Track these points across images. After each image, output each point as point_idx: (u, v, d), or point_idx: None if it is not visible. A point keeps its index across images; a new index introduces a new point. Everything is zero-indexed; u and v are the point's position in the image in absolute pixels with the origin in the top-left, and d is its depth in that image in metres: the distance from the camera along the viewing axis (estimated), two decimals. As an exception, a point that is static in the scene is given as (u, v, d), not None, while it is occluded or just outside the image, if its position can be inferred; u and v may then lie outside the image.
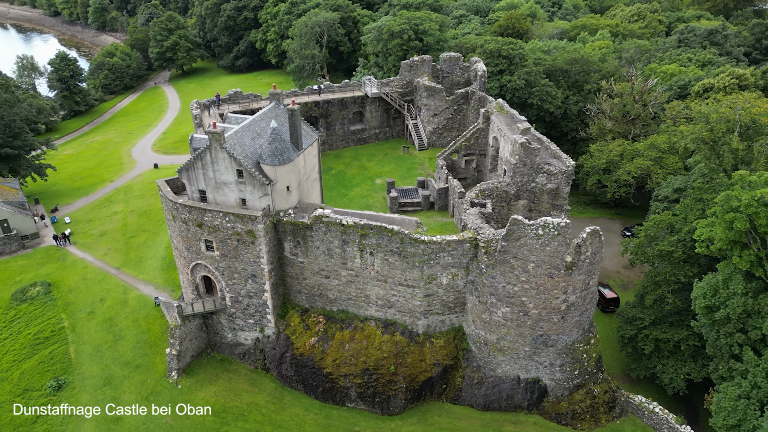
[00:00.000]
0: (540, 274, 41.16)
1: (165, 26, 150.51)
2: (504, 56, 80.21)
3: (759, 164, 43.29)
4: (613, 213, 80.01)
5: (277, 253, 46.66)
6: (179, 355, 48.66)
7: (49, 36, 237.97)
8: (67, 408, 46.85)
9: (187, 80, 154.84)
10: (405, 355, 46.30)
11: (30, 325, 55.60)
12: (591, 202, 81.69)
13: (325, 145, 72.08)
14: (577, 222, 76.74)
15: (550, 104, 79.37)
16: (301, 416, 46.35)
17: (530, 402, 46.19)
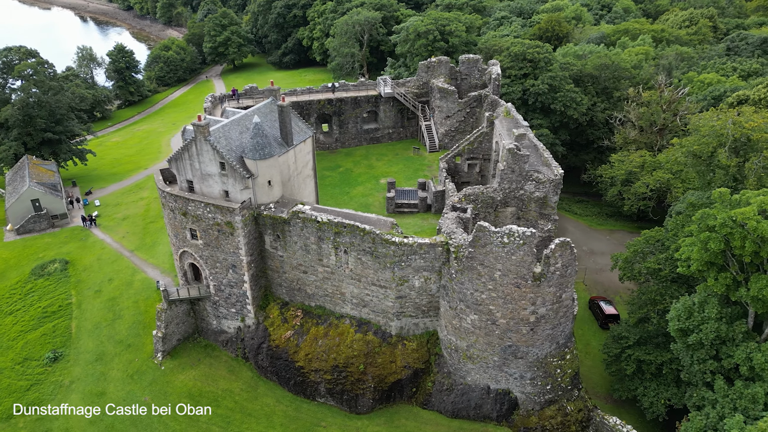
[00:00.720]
0: (507, 283, 40.22)
1: (219, 22, 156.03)
2: (528, 59, 78.47)
3: (750, 183, 40.38)
4: (635, 227, 76.56)
5: (257, 245, 47.78)
6: (164, 338, 50.69)
7: (123, 29, 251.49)
8: (59, 379, 49.78)
9: (237, 74, 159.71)
10: (376, 355, 46.36)
11: (42, 299, 59.30)
12: (613, 214, 78.61)
13: (337, 143, 72.94)
14: (595, 234, 74.29)
15: (574, 110, 77.07)
16: (272, 407, 47.31)
17: (499, 413, 45.19)
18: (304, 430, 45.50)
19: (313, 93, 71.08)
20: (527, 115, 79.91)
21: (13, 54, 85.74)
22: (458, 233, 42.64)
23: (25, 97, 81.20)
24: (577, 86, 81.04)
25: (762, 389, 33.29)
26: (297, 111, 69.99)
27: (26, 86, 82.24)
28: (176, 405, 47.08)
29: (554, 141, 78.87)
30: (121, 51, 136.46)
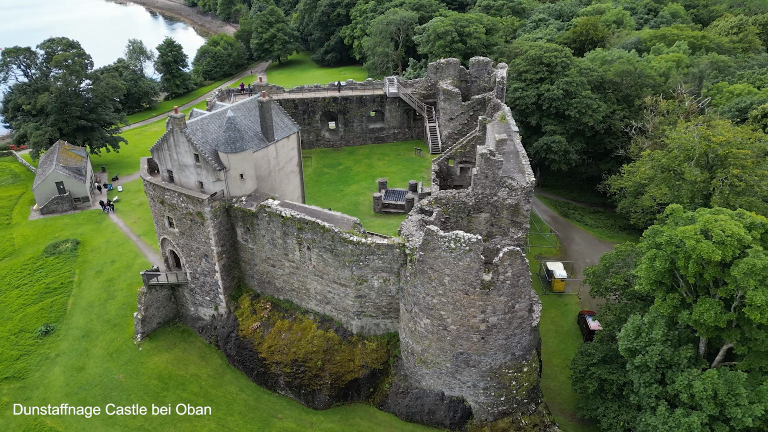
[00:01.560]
0: (455, 289, 39.59)
1: (266, 19, 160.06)
2: (545, 63, 76.40)
3: (714, 200, 37.68)
4: (647, 241, 73.19)
5: (230, 237, 49.03)
6: (144, 320, 52.87)
7: (187, 25, 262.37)
8: (46, 352, 52.90)
9: (281, 71, 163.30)
10: (334, 352, 46.64)
11: (48, 275, 63.09)
12: (626, 227, 75.37)
13: (341, 141, 73.58)
14: (602, 247, 71.50)
15: (590, 118, 74.48)
16: (234, 395, 48.48)
17: (452, 421, 44.48)
18: (261, 421, 46.35)
19: (318, 91, 71.97)
20: (541, 120, 78.01)
21: (56, 45, 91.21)
22: (416, 236, 42.29)
23: (61, 86, 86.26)
24: (597, 93, 78.21)
25: (698, 419, 31.32)
26: (302, 108, 71.27)
27: (62, 76, 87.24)
28: (145, 385, 49.05)
29: (568, 149, 76.54)
30: (170, 45, 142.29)
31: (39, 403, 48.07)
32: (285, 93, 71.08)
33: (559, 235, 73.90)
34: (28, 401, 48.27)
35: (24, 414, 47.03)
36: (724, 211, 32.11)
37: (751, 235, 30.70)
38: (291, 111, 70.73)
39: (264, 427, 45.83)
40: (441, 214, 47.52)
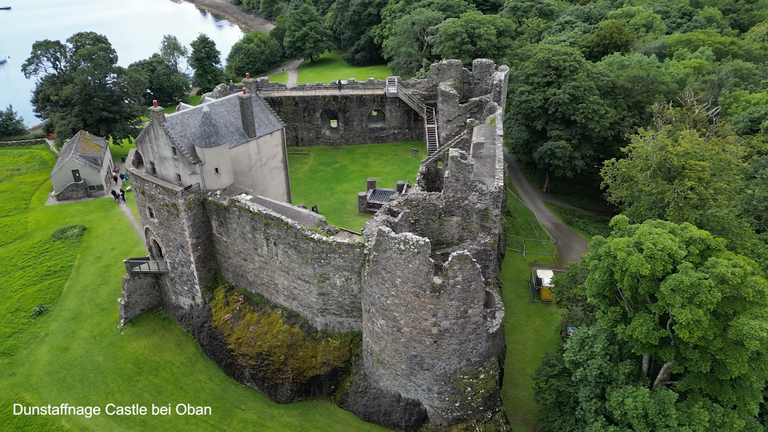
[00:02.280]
0: (407, 291, 39.43)
1: (299, 18, 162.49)
2: (553, 67, 74.87)
3: (669, 212, 35.87)
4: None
5: (205, 229, 50.23)
6: (127, 306, 54.80)
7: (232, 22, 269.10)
8: (36, 331, 55.53)
9: (311, 69, 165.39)
10: (298, 348, 47.18)
11: (52, 259, 66.14)
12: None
13: (341, 140, 74.08)
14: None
15: (596, 124, 72.61)
16: (202, 383, 49.67)
17: (408, 424, 44.28)
18: (224, 410, 47.35)
19: (319, 89, 72.67)
20: (547, 125, 76.55)
21: (84, 39, 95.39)
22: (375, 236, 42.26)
23: (85, 78, 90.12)
24: (607, 98, 76.13)
25: (629, 438, 30.24)
26: (302, 105, 72.15)
27: (88, 69, 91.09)
28: (121, 369, 50.88)
29: (573, 155, 74.79)
30: (203, 41, 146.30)
31: (22, 379, 50.56)
32: (287, 90, 72.12)
33: (558, 243, 72.27)
34: (13, 377, 50.82)
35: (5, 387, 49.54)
36: (666, 224, 30.81)
37: (687, 251, 29.40)
38: (291, 108, 71.78)
39: (226, 416, 46.80)
40: (411, 215, 47.35)
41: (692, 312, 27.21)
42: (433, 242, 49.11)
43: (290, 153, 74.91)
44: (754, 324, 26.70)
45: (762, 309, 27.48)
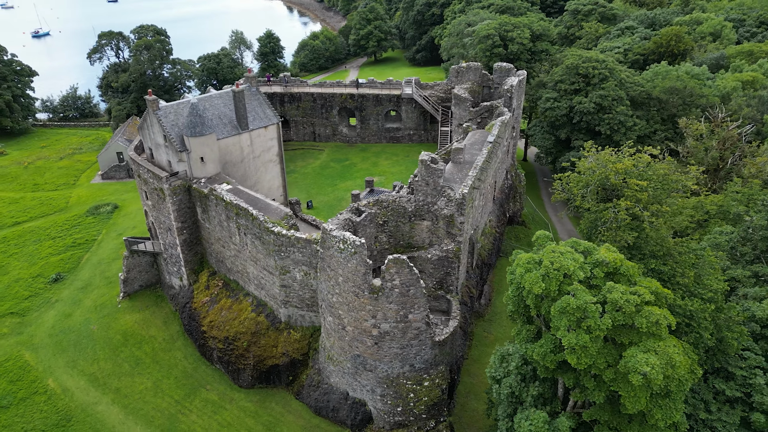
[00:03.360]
0: (348, 290, 39.65)
1: (365, 16, 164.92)
2: (581, 74, 71.72)
3: (605, 232, 33.12)
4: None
5: (191, 214, 52.70)
6: (126, 281, 58.60)
7: (312, 19, 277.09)
8: (49, 297, 60.63)
9: (373, 67, 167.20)
10: (261, 336, 48.58)
11: (80, 232, 71.79)
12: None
13: (357, 138, 74.85)
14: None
15: (622, 136, 68.82)
16: (177, 360, 52.30)
17: (353, 422, 44.46)
18: (190, 387, 49.67)
19: (338, 87, 73.73)
20: (572, 134, 73.44)
21: (145, 31, 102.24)
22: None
23: (139, 67, 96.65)
24: (639, 110, 71.93)
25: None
26: (320, 102, 73.60)
27: (144, 59, 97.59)
28: (110, 339, 54.58)
29: (597, 167, 71.19)
30: (269, 36, 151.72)
31: (27, 338, 55.49)
32: (307, 87, 73.84)
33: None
34: (20, 335, 55.87)
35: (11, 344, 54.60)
36: (582, 244, 29.10)
37: (591, 273, 27.67)
38: (310, 104, 73.41)
39: (190, 394, 49.07)
40: (380, 216, 47.33)
41: (578, 337, 25.69)
42: (404, 245, 48.91)
43: (305, 148, 76.81)
44: (641, 357, 24.85)
45: (656, 342, 25.45)
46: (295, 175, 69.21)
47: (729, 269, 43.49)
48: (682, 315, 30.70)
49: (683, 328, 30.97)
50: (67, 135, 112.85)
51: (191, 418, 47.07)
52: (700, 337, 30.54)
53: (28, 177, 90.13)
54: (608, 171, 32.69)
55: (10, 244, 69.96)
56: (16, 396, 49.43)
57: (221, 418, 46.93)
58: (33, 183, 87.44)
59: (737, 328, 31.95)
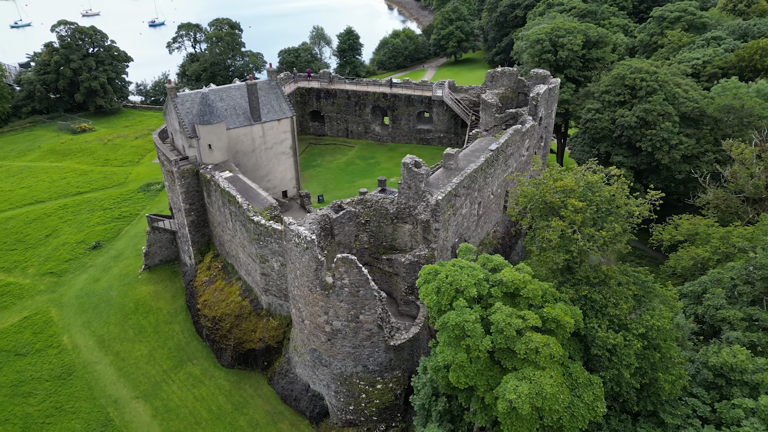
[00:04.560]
0: (303, 284, 40.50)
1: (447, 16, 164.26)
2: (627, 85, 67.46)
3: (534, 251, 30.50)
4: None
5: (199, 197, 55.70)
6: (147, 255, 63.11)
7: (407, 18, 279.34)
8: (85, 262, 66.65)
9: (450, 68, 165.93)
10: (243, 320, 50.61)
11: (128, 206, 78.03)
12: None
13: (389, 137, 75.20)
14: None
15: (665, 155, 64.07)
16: (173, 333, 55.66)
17: (312, 414, 45.29)
18: (179, 360, 52.80)
19: (372, 85, 74.28)
20: (612, 149, 69.28)
21: (221, 24, 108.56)
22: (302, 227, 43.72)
23: (208, 57, 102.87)
24: (690, 128, 66.42)
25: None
26: (354, 99, 74.67)
27: (215, 50, 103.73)
28: (123, 306, 59.13)
29: (634, 186, 66.64)
30: (349, 33, 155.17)
31: (57, 296, 61.46)
32: (345, 84, 75.14)
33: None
34: (52, 293, 62.00)
35: (43, 300, 60.78)
36: (493, 260, 27.80)
37: (491, 292, 26.46)
38: (344, 101, 74.64)
39: (177, 366, 52.19)
40: (363, 216, 47.65)
41: (455, 354, 24.83)
42: (386, 247, 48.97)
43: (337, 144, 78.19)
44: (511, 384, 23.59)
45: (534, 370, 23.99)
46: (319, 169, 70.89)
47: (722, 308, 39.63)
48: (602, 348, 28.52)
49: (604, 362, 28.77)
50: (151, 117, 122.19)
51: (172, 388, 50.06)
52: (619, 374, 28.24)
53: (103, 152, 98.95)
54: (547, 188, 30.68)
55: (68, 211, 77.45)
56: (34, 347, 55.00)
57: (198, 392, 49.51)
58: (105, 158, 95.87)
59: (675, 370, 29.16)
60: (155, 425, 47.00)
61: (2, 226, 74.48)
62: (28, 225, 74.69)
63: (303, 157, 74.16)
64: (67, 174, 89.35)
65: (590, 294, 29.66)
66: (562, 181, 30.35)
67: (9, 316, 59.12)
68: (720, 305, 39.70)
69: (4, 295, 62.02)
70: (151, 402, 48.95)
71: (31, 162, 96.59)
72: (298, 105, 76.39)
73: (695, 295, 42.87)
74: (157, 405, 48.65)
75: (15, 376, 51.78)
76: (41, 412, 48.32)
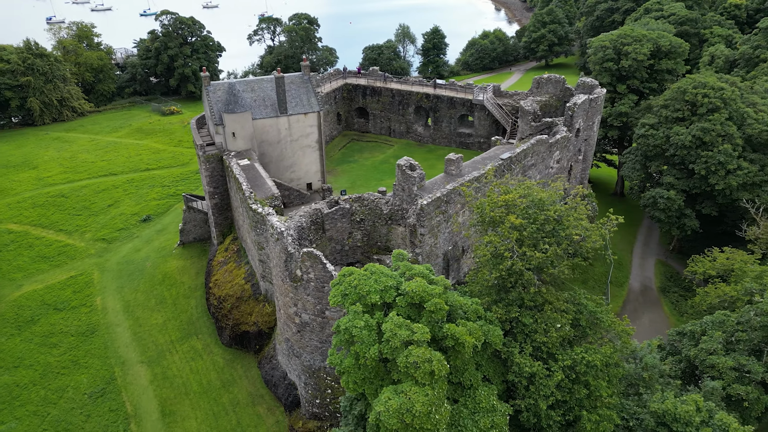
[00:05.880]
0: (277, 275, 41.51)
1: (540, 18, 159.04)
2: (688, 101, 62.05)
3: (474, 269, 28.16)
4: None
5: (222, 182, 58.47)
6: (182, 231, 67.22)
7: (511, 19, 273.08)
8: (132, 233, 72.30)
9: (538, 72, 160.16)
10: (242, 302, 52.66)
11: (185, 185, 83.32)
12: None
13: (429, 139, 74.44)
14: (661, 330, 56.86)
15: (720, 180, 58.41)
16: (189, 308, 58.80)
17: (286, 402, 46.30)
18: (186, 333, 55.98)
19: (416, 85, 73.59)
20: (664, 169, 64.05)
21: (299, 18, 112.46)
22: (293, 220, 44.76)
23: (285, 49, 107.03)
24: (757, 153, 59.96)
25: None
26: (398, 98, 74.61)
27: (292, 42, 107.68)
28: (152, 276, 63.60)
29: (684, 211, 61.37)
30: (434, 32, 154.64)
31: (102, 261, 67.28)
32: (393, 82, 75.18)
33: (624, 308, 61.30)
34: (99, 258, 67.96)
35: (91, 263, 66.82)
36: (414, 267, 26.90)
37: (395, 300, 25.76)
38: (388, 100, 74.70)
39: (182, 338, 55.38)
40: (357, 213, 47.80)
41: (341, 358, 24.58)
42: (381, 247, 48.87)
43: (378, 142, 78.42)
44: (384, 396, 22.99)
45: (411, 385, 23.15)
46: (354, 165, 71.60)
47: (714, 354, 35.76)
48: (518, 375, 26.78)
49: (520, 390, 27.01)
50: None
51: (174, 358, 53.24)
52: (535, 404, 26.41)
53: (180, 134, 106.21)
54: (490, 202, 28.79)
55: (133, 185, 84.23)
56: (71, 303, 60.67)
57: (194, 365, 52.28)
58: (179, 139, 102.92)
59: (602, 411, 26.78)
60: (150, 390, 50.26)
61: (76, 193, 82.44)
62: (97, 194, 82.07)
63: (342, 152, 75.32)
64: (142, 151, 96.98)
65: (521, 317, 27.88)
66: (507, 195, 28.67)
67: (59, 274, 65.54)
68: (713, 350, 35.81)
69: (61, 255, 68.78)
70: (152, 368, 52.35)
71: (118, 138, 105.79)
72: (345, 101, 77.57)
73: (693, 335, 38.94)
74: (156, 371, 51.94)
75: (48, 328, 57.43)
76: (59, 363, 53.29)
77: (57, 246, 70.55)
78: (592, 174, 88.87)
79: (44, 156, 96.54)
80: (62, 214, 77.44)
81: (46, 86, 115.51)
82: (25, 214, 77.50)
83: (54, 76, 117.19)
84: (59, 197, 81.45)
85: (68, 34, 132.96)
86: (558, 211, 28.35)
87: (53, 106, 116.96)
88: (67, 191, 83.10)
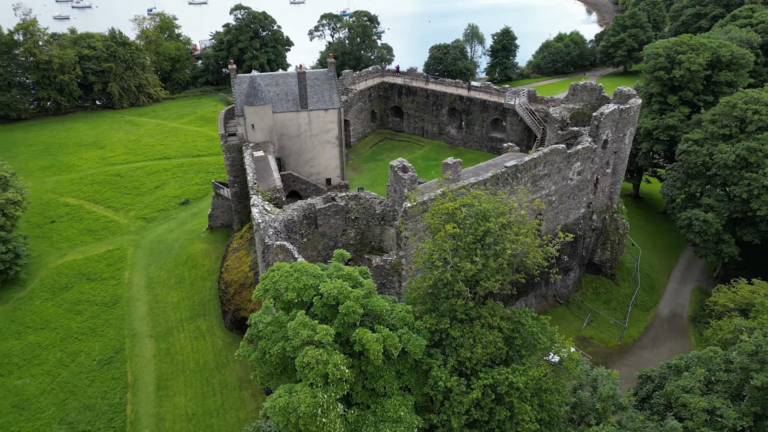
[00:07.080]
0: (260, 264, 42.43)
1: (621, 22, 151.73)
2: (737, 117, 57.29)
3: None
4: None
5: (242, 171, 60.40)
6: (210, 216, 70.14)
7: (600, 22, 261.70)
8: (168, 215, 76.31)
9: (613, 79, 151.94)
10: (244, 289, 54.25)
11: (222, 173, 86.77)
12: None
13: (461, 141, 73.21)
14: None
15: (762, 204, 53.55)
16: (204, 289, 61.31)
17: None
18: (195, 313, 58.45)
19: (451, 86, 72.23)
20: (703, 188, 59.35)
21: (360, 15, 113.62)
22: (285, 212, 45.66)
23: (342, 46, 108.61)
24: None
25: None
26: (433, 99, 73.78)
27: (353, 38, 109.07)
28: (178, 256, 66.89)
29: (723, 236, 56.72)
30: (504, 33, 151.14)
31: (138, 238, 71.55)
32: (430, 83, 74.37)
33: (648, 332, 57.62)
34: (137, 235, 72.33)
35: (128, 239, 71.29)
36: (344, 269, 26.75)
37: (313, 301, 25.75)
38: (423, 100, 73.95)
39: (192, 318, 57.90)
40: (352, 211, 47.95)
41: (247, 351, 24.99)
42: (374, 246, 48.81)
43: (411, 142, 77.86)
44: (276, 393, 23.21)
45: (303, 385, 23.12)
46: (379, 164, 71.53)
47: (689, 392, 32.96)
48: (434, 388, 25.94)
49: (436, 404, 26.16)
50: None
51: (179, 336, 55.82)
52: (448, 420, 25.52)
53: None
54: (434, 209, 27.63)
55: (181, 169, 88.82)
56: (102, 275, 65.03)
57: (196, 345, 54.56)
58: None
59: (520, 438, 25.45)
60: (152, 364, 52.98)
61: (130, 174, 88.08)
62: (148, 176, 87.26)
63: (372, 150, 75.53)
64: (198, 138, 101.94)
65: (451, 329, 26.92)
66: (452, 203, 27.66)
67: (99, 247, 70.39)
68: (690, 388, 32.98)
69: (104, 230, 73.85)
70: (158, 343, 55.16)
71: (181, 124, 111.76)
72: (381, 99, 77.65)
73: (678, 370, 36.02)
74: (161, 346, 54.68)
75: (78, 296, 61.89)
76: (80, 329, 57.31)
77: (103, 221, 75.70)
78: (642, 190, 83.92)
79: (113, 137, 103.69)
80: (114, 192, 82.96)
81: (125, 73, 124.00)
82: (83, 189, 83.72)
83: (134, 63, 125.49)
84: (115, 176, 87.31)
85: (151, 24, 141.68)
86: (501, 224, 27.01)
87: (131, 91, 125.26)
88: (123, 171, 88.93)
